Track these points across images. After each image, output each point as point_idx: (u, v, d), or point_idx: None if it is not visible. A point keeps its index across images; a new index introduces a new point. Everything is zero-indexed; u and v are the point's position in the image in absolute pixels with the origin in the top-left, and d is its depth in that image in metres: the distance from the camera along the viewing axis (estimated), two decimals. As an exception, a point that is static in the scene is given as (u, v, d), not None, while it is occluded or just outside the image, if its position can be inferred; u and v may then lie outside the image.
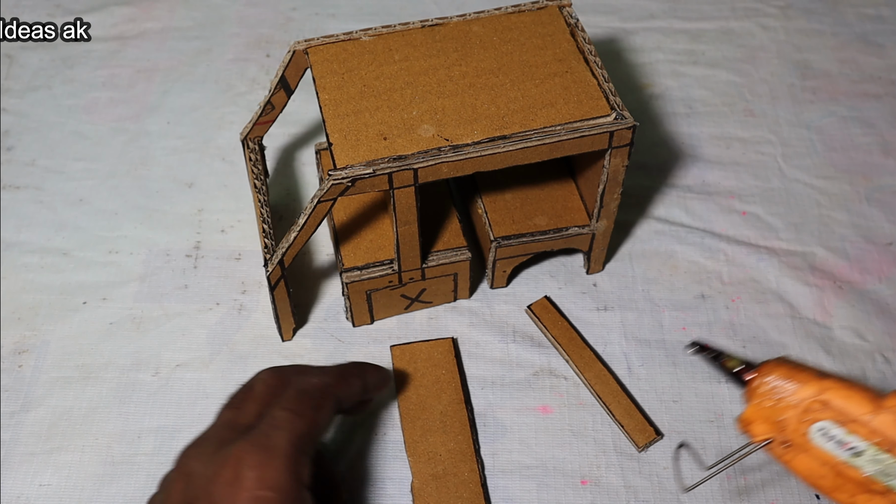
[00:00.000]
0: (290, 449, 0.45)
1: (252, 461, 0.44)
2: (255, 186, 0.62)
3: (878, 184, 0.71)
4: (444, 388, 0.58)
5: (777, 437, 0.41)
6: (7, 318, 0.63)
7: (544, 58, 0.57)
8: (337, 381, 0.51)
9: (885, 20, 0.84)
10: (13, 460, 0.57)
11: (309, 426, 0.47)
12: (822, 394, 0.40)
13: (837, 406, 0.40)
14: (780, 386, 0.41)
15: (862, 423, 0.39)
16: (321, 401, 0.49)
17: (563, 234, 0.61)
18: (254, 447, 0.45)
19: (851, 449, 0.39)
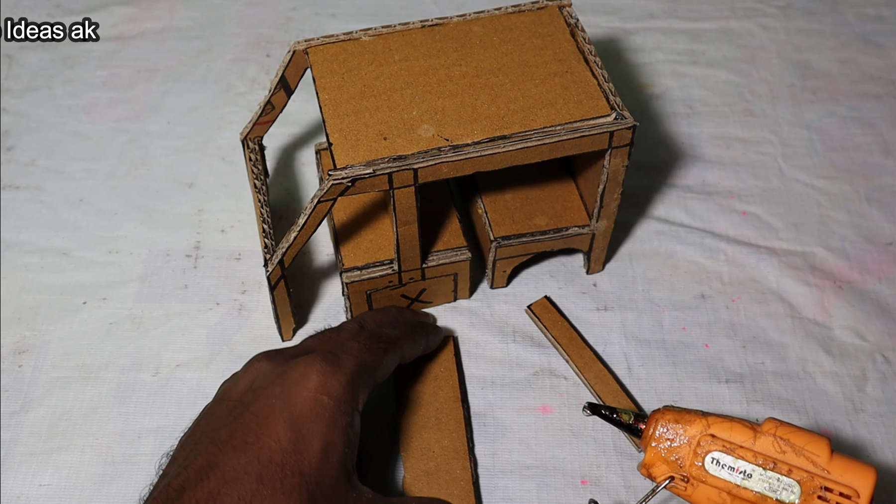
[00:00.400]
0: (354, 372, 0.49)
1: (319, 368, 0.49)
2: (255, 186, 0.62)
3: (878, 184, 0.71)
4: (442, 385, 0.59)
5: (676, 475, 0.45)
6: (7, 318, 0.63)
7: (544, 58, 0.57)
8: (406, 336, 0.55)
9: (885, 20, 0.84)
10: (13, 460, 0.57)
11: (374, 362, 0.51)
12: (708, 429, 0.45)
13: (723, 437, 0.45)
14: (671, 429, 0.46)
15: (746, 449, 0.44)
16: (390, 346, 0.53)
17: (563, 234, 0.61)
18: (324, 359, 0.49)
19: (742, 472, 0.44)
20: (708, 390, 0.60)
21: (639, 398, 0.59)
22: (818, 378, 0.60)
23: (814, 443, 0.44)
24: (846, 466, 0.44)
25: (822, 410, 0.59)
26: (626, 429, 0.48)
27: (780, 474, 0.44)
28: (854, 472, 0.43)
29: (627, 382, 0.60)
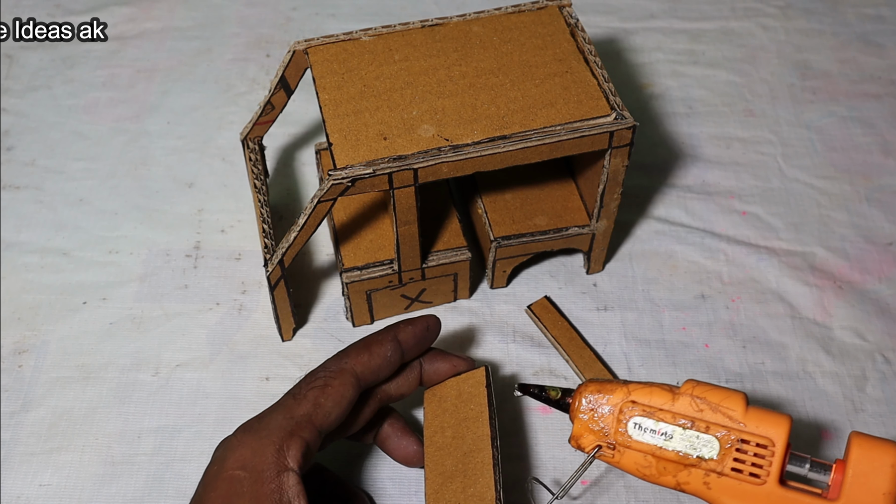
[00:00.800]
0: (278, 431, 0.45)
1: (235, 442, 0.45)
2: (255, 186, 0.62)
3: (878, 184, 0.71)
4: (471, 425, 0.52)
5: (603, 443, 0.47)
6: (7, 318, 0.63)
7: (544, 58, 0.57)
8: (355, 354, 0.50)
9: (885, 20, 0.84)
10: (13, 460, 0.57)
11: (309, 408, 0.47)
12: (629, 396, 0.47)
13: (644, 402, 0.46)
14: (595, 399, 0.47)
15: (666, 411, 0.46)
16: (329, 380, 0.48)
17: (563, 234, 0.61)
18: (244, 430, 0.46)
19: (664, 434, 0.46)
20: (708, 390, 0.60)
21: (639, 398, 0.59)
22: (818, 378, 0.60)
23: (729, 398, 0.46)
24: (761, 418, 0.45)
25: (822, 410, 0.59)
26: (555, 405, 0.49)
27: (699, 432, 0.45)
28: (769, 422, 0.45)
29: (627, 382, 0.60)
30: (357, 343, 0.51)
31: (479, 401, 0.53)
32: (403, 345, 0.51)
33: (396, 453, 0.53)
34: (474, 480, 0.49)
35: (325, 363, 0.50)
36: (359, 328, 0.63)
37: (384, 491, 0.56)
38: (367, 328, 0.63)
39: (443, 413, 0.53)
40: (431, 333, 0.53)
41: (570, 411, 0.49)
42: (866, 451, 0.44)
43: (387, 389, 0.52)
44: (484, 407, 0.52)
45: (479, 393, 0.53)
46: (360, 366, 0.49)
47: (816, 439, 0.57)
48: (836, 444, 0.57)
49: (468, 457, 0.50)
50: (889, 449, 0.44)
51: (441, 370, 0.54)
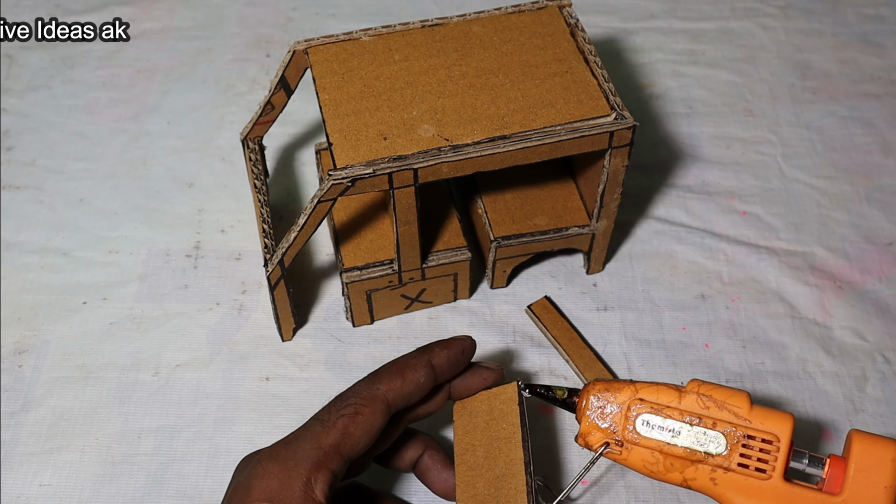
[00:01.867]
0: (306, 462, 0.44)
1: (261, 470, 0.44)
2: (255, 186, 0.62)
3: (878, 184, 0.71)
4: (503, 446, 0.50)
5: (611, 440, 0.47)
6: (7, 318, 0.63)
7: (544, 58, 0.57)
8: (388, 379, 0.48)
9: (885, 20, 0.84)
10: (13, 460, 0.57)
11: (337, 438, 0.45)
12: (636, 394, 0.48)
13: (651, 399, 0.47)
14: (602, 398, 0.48)
15: (673, 408, 0.47)
16: (360, 408, 0.46)
17: (563, 234, 0.61)
18: (270, 457, 0.45)
19: (671, 431, 0.47)
20: (708, 390, 0.60)
21: (639, 398, 0.59)
22: (818, 378, 0.60)
23: (734, 396, 0.47)
24: (766, 415, 0.46)
25: (822, 410, 0.59)
26: (562, 404, 0.50)
27: (706, 428, 0.46)
28: (773, 419, 0.46)
29: (627, 382, 0.60)
30: (390, 367, 0.49)
31: (512, 420, 0.50)
32: (437, 369, 0.50)
33: (436, 486, 0.52)
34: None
35: (356, 387, 0.48)
36: (359, 328, 0.63)
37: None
38: (367, 328, 0.63)
39: (473, 430, 0.51)
40: (466, 356, 0.51)
41: (576, 410, 0.49)
42: (867, 447, 0.46)
43: (415, 410, 0.51)
44: (517, 427, 0.50)
45: (511, 411, 0.51)
46: (392, 393, 0.48)
47: (817, 439, 0.57)
48: (836, 444, 0.57)
49: (501, 481, 0.48)
50: (889, 445, 0.45)
51: (472, 385, 0.52)
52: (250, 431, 0.58)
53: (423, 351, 0.50)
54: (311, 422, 0.46)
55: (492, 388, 0.52)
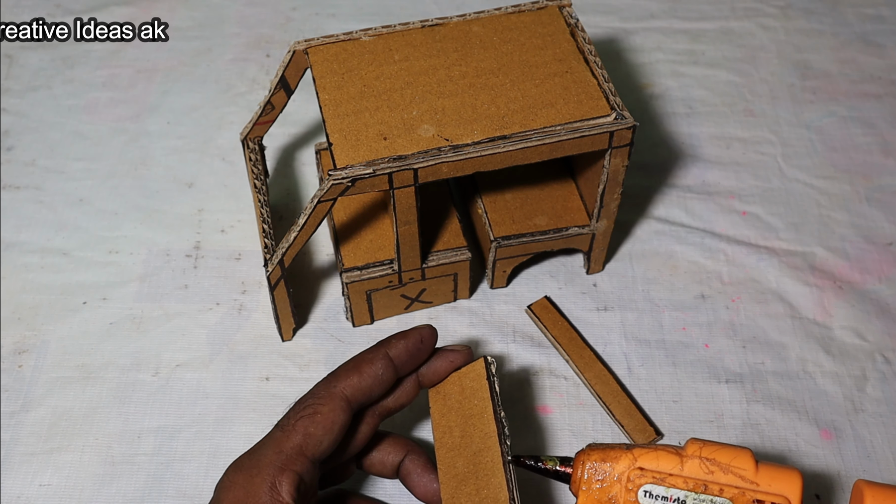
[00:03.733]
0: (269, 467, 0.44)
1: (228, 482, 0.45)
2: (255, 186, 0.62)
3: (878, 184, 0.71)
4: (476, 422, 0.50)
5: None
6: (7, 318, 0.63)
7: (544, 58, 0.57)
8: (344, 376, 0.48)
9: (885, 20, 0.84)
10: (13, 460, 0.57)
11: (299, 439, 0.45)
12: (635, 462, 0.45)
13: (651, 468, 0.45)
14: (599, 468, 0.45)
15: (676, 476, 0.45)
16: (318, 407, 0.47)
17: (563, 234, 0.61)
18: (235, 469, 0.45)
19: (676, 500, 0.45)
20: (708, 390, 0.60)
21: (639, 398, 0.59)
22: (818, 378, 0.60)
23: (739, 458, 0.45)
24: (773, 475, 0.45)
25: (822, 410, 0.59)
26: (553, 475, 0.47)
27: (713, 495, 0.44)
28: (781, 479, 0.45)
29: (627, 382, 0.60)
30: (347, 363, 0.49)
31: (482, 395, 0.50)
32: (396, 360, 0.49)
33: (418, 490, 0.51)
34: (487, 482, 0.47)
35: (314, 388, 0.48)
36: (359, 328, 0.63)
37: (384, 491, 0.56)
38: (367, 328, 0.63)
39: (448, 412, 0.51)
40: (427, 345, 0.51)
41: (570, 482, 0.47)
42: (881, 500, 0.44)
43: (384, 404, 0.51)
44: (487, 402, 0.50)
45: (480, 387, 0.50)
46: (350, 388, 0.48)
47: (816, 439, 0.58)
48: (836, 445, 0.57)
49: (478, 456, 0.48)
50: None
51: (439, 369, 0.52)
52: (250, 431, 0.58)
53: (381, 344, 0.50)
54: (273, 429, 0.47)
55: (461, 369, 0.52)
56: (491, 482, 0.47)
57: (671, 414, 0.59)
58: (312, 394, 0.48)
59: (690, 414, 0.59)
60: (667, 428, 0.58)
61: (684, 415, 0.59)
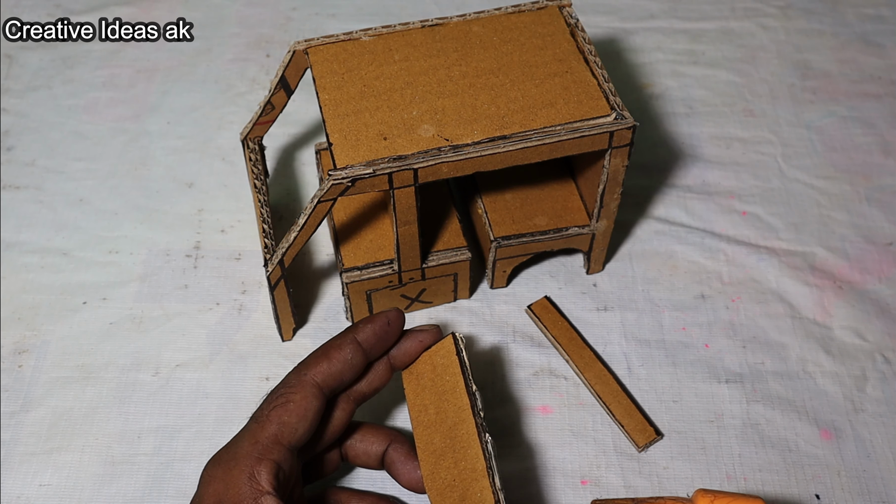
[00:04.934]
0: (246, 458, 0.45)
1: (207, 477, 0.46)
2: (255, 186, 0.62)
3: (878, 184, 0.71)
4: (450, 397, 0.51)
5: None
6: (7, 318, 0.63)
7: (544, 58, 0.57)
8: (314, 363, 0.49)
9: (885, 20, 0.84)
10: (13, 460, 0.57)
11: (273, 429, 0.46)
12: None
13: None
14: None
15: None
16: (290, 395, 0.47)
17: (563, 234, 0.61)
18: (214, 463, 0.46)
19: None
20: (708, 390, 0.60)
21: (639, 398, 0.59)
22: (818, 378, 0.60)
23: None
24: None
25: (822, 410, 0.59)
26: None
27: None
28: None
29: (627, 382, 0.60)
30: (316, 351, 0.50)
31: (453, 370, 0.51)
32: (364, 344, 0.50)
33: (402, 478, 0.52)
34: (464, 454, 0.48)
35: (286, 378, 0.49)
36: (359, 328, 0.63)
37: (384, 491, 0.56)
38: (367, 328, 0.63)
39: (422, 391, 0.52)
40: (394, 328, 0.51)
41: None
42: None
43: (358, 389, 0.51)
44: (458, 377, 0.51)
45: (451, 363, 0.51)
46: (321, 375, 0.48)
47: (816, 439, 0.58)
48: (836, 445, 0.57)
49: (454, 430, 0.49)
50: None
51: (410, 350, 0.52)
52: (250, 431, 0.58)
53: (349, 329, 0.51)
54: (248, 422, 0.48)
55: (431, 348, 0.53)
56: (468, 454, 0.48)
57: (671, 414, 0.59)
58: (284, 383, 0.48)
59: (690, 414, 0.59)
60: (667, 428, 0.58)
61: (684, 415, 0.59)
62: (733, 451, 0.57)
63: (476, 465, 0.48)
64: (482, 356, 0.61)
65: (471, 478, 0.48)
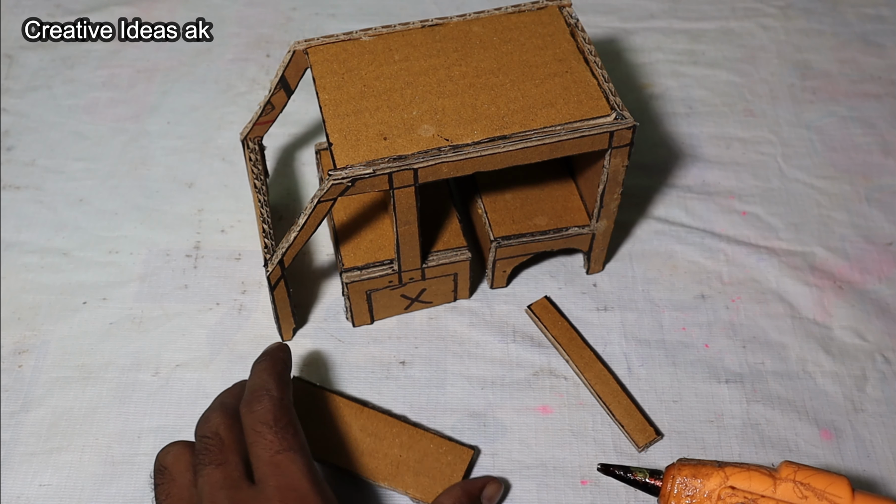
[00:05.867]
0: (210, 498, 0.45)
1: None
2: (255, 186, 0.62)
3: (878, 184, 0.71)
4: (340, 405, 0.57)
5: None
6: (7, 318, 0.63)
7: (544, 58, 0.57)
8: (237, 400, 0.51)
9: (885, 20, 0.84)
10: (13, 460, 0.57)
11: (226, 474, 0.46)
12: (727, 481, 0.45)
13: (744, 488, 0.44)
14: (689, 484, 0.45)
15: (768, 498, 0.44)
16: (221, 441, 0.48)
17: (563, 234, 0.61)
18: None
19: None
20: (708, 390, 0.60)
21: (639, 398, 0.59)
22: (818, 378, 0.60)
23: (834, 484, 0.44)
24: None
25: (822, 410, 0.59)
26: (642, 487, 0.48)
27: None
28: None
29: (627, 382, 0.60)
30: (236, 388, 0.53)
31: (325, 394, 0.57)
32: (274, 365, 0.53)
33: None
34: (382, 428, 0.56)
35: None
36: (359, 328, 0.63)
37: (384, 490, 0.56)
38: (367, 328, 0.63)
39: (320, 432, 0.56)
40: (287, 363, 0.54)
41: (659, 495, 0.47)
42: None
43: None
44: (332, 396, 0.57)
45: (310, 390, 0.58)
46: (234, 406, 0.51)
47: (816, 439, 0.58)
48: (836, 445, 0.57)
49: (366, 427, 0.56)
50: None
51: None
52: (250, 431, 0.58)
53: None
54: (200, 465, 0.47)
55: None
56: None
57: (671, 414, 0.59)
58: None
59: (690, 414, 0.59)
60: (667, 428, 0.58)
61: (684, 415, 0.59)
62: (733, 451, 0.57)
63: (389, 426, 0.56)
64: (482, 356, 0.61)
65: (395, 434, 0.56)
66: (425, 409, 0.59)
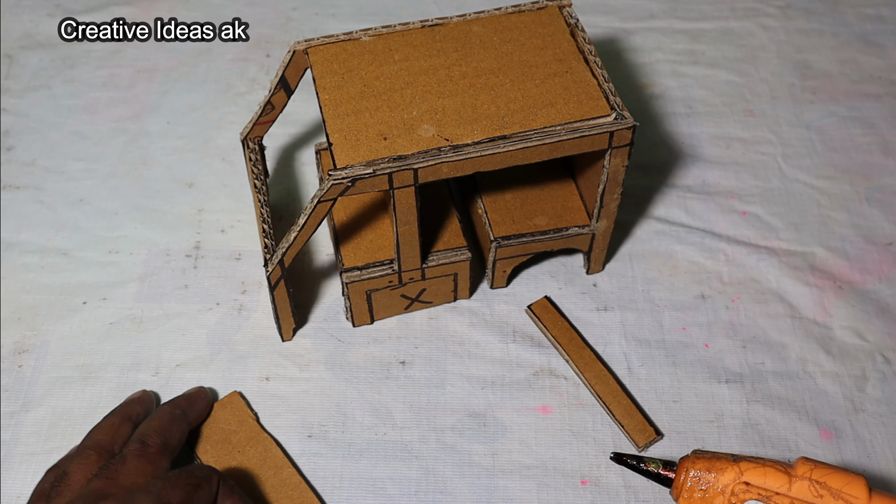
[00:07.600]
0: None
1: None
2: (255, 186, 0.62)
3: (878, 184, 0.71)
4: (246, 440, 0.57)
5: None
6: (7, 318, 0.63)
7: (544, 58, 0.57)
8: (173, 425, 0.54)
9: (885, 20, 0.84)
10: (13, 460, 0.57)
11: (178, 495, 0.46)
12: (741, 476, 0.44)
13: (758, 484, 0.44)
14: (703, 478, 0.45)
15: (783, 495, 0.44)
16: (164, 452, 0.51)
17: (563, 234, 0.61)
18: None
19: None
20: (708, 390, 0.60)
21: (639, 398, 0.59)
22: (818, 378, 0.60)
23: (851, 484, 0.43)
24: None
25: (822, 410, 0.59)
26: (655, 478, 0.47)
27: None
28: None
29: (627, 382, 0.60)
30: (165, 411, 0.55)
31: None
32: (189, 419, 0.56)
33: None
34: (264, 455, 0.56)
35: (162, 429, 0.53)
36: (359, 328, 0.63)
37: (384, 491, 0.56)
38: (367, 328, 0.63)
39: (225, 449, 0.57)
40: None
41: (672, 486, 0.47)
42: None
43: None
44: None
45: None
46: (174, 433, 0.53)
47: (816, 439, 0.58)
48: (836, 445, 0.57)
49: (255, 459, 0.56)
50: None
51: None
52: (250, 431, 0.58)
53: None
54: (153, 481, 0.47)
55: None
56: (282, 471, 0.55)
57: (671, 414, 0.59)
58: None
59: (690, 414, 0.59)
60: (667, 428, 0.58)
61: (684, 415, 0.59)
62: (733, 451, 0.57)
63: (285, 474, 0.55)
64: (482, 356, 0.61)
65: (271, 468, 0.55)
66: (425, 409, 0.59)
